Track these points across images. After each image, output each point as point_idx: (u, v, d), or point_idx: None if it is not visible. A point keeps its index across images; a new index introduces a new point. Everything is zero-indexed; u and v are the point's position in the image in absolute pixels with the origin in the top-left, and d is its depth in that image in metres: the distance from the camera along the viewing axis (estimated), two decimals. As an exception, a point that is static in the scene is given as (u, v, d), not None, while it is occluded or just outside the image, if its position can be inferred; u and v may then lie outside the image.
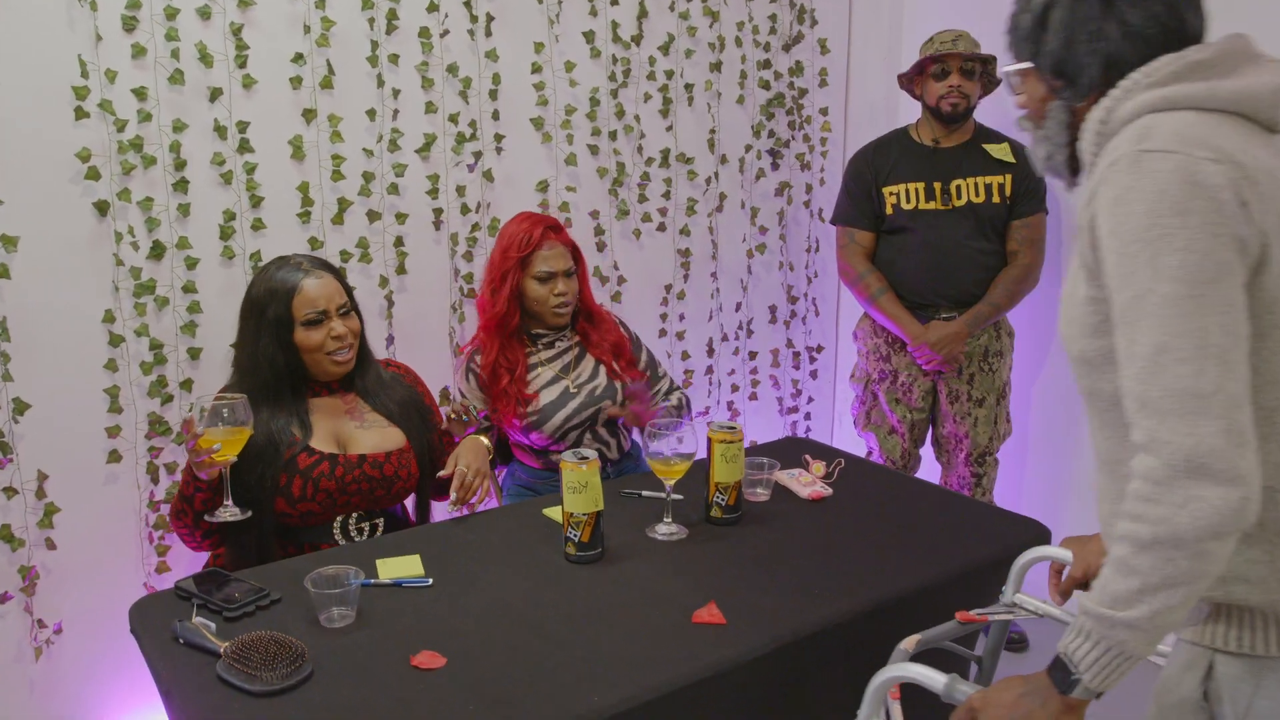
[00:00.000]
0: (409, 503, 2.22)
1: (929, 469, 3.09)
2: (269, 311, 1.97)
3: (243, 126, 2.31)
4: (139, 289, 2.23)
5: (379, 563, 1.83)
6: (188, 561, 2.36)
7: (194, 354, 2.32)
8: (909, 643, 1.53)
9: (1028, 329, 3.07)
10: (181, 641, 1.56)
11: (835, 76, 3.37)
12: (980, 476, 2.97)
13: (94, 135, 2.14)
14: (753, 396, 3.40)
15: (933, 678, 1.25)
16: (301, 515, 1.98)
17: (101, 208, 2.16)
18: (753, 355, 3.39)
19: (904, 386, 2.95)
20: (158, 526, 2.33)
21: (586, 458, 1.83)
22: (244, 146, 2.32)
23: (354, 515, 2.03)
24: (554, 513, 2.07)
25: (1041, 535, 2.01)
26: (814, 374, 3.55)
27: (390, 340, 2.60)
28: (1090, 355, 1.21)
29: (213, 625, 1.57)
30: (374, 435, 2.06)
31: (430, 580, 1.77)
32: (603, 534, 1.86)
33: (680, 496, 2.07)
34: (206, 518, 1.89)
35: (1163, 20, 1.17)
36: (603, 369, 2.42)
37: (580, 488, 1.82)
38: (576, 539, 1.84)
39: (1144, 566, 1.06)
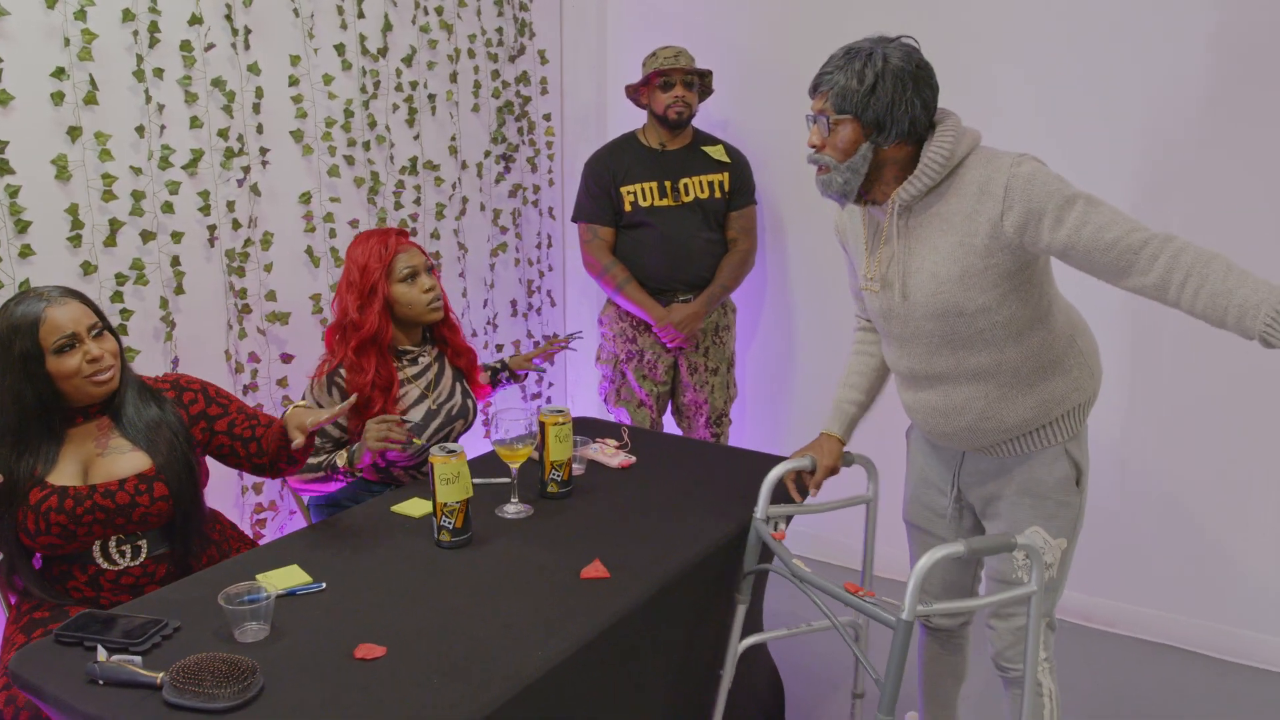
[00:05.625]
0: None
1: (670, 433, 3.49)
2: (15, 347, 1.90)
3: (1, 146, 2.15)
4: (-103, 329, 2.01)
5: (260, 577, 1.85)
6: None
7: (-38, 396, 2.13)
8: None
9: (744, 305, 3.56)
10: (101, 683, 1.53)
11: (553, 85, 3.65)
12: (718, 435, 3.42)
13: None
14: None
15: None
16: (45, 547, 1.96)
17: None
18: (499, 348, 3.59)
19: (650, 363, 3.32)
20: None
21: (454, 451, 1.98)
22: (3, 168, 2.16)
23: (113, 539, 1.99)
24: (405, 508, 2.18)
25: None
26: (550, 360, 3.82)
27: (175, 363, 2.52)
28: (988, 303, 1.78)
29: (138, 659, 1.56)
30: (114, 461, 2.01)
31: (324, 584, 1.84)
32: (471, 518, 2.03)
33: (507, 480, 2.28)
34: None
35: (931, 99, 1.79)
36: (459, 387, 2.53)
37: (453, 478, 1.97)
38: (450, 526, 1.99)
39: None
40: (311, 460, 2.35)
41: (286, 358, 2.79)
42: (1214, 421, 2.87)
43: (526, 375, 2.77)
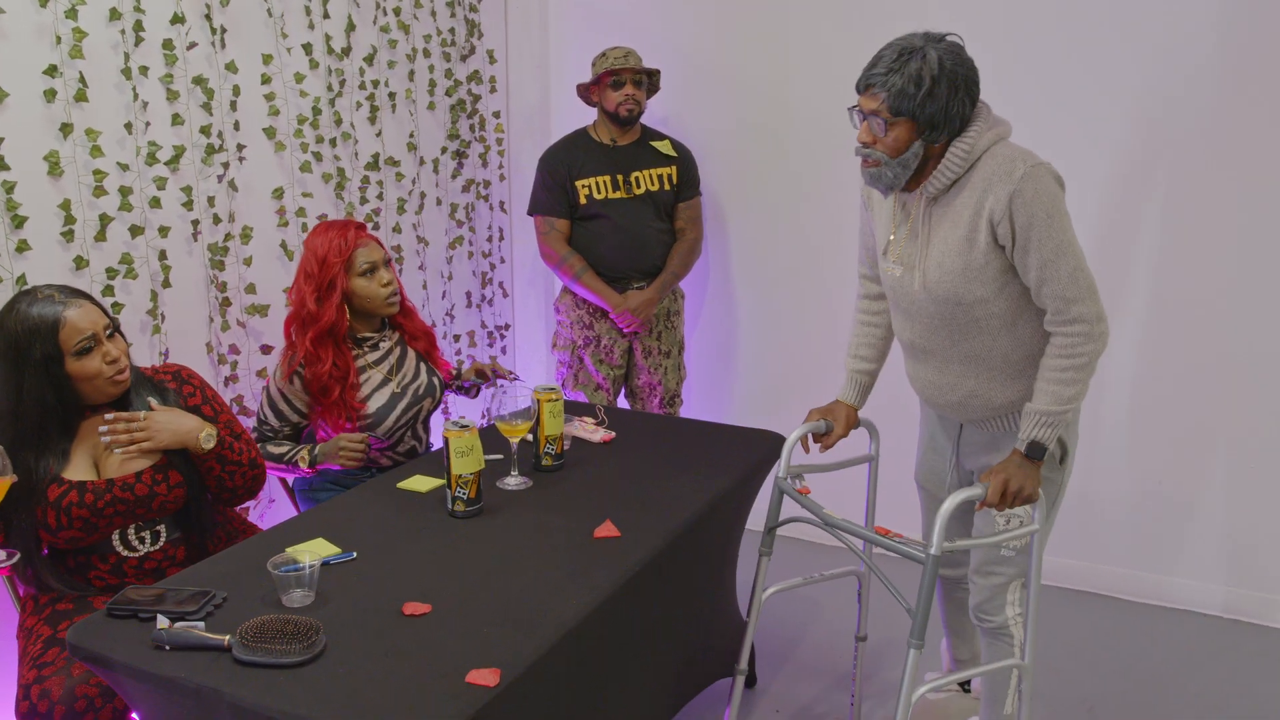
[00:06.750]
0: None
1: (624, 417, 3.66)
2: (34, 351, 1.91)
3: (-3, 143, 2.18)
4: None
5: (290, 550, 1.95)
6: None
7: (-34, 390, 2.15)
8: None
9: (689, 291, 3.75)
10: (168, 648, 1.61)
11: (501, 83, 3.77)
12: (671, 414, 3.60)
13: None
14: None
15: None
16: (67, 541, 2.00)
17: None
18: (456, 339, 3.70)
19: (606, 348, 3.48)
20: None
21: (467, 425, 2.11)
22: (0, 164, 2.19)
23: (131, 527, 2.05)
24: (411, 484, 2.29)
25: (773, 439, 2.64)
26: (504, 350, 3.95)
27: (165, 355, 2.56)
28: (986, 295, 1.94)
29: (200, 624, 1.65)
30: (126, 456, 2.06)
31: (355, 554, 1.95)
32: (483, 489, 2.16)
33: (500, 456, 2.42)
34: None
35: (976, 95, 1.91)
36: (423, 366, 2.62)
37: (467, 451, 2.10)
38: (465, 496, 2.12)
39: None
40: (274, 450, 2.45)
41: (266, 349, 2.85)
42: (1139, 375, 3.19)
43: (477, 392, 2.87)
